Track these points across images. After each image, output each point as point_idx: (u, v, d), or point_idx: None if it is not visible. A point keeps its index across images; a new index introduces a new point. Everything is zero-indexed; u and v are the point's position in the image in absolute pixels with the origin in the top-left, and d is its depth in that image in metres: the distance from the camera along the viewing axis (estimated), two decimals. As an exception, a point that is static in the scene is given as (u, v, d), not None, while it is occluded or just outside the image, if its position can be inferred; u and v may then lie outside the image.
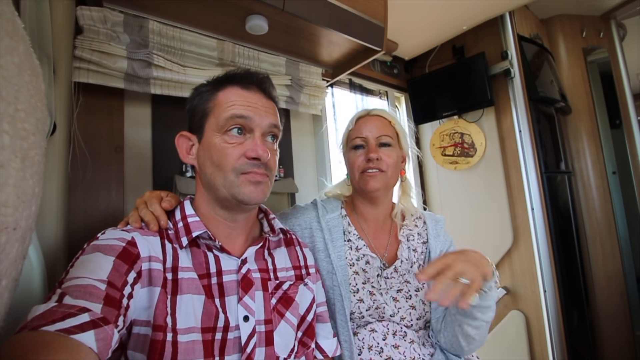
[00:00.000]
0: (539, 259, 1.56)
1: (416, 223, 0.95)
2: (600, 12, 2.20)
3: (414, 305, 0.80)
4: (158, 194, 0.67)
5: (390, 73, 1.91)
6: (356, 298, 0.79)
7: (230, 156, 0.60)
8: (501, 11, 1.56)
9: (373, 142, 0.85)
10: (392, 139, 0.87)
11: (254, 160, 0.61)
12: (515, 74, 1.64)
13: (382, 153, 0.85)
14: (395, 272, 0.84)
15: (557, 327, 1.53)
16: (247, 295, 0.61)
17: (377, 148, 0.85)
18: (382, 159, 0.84)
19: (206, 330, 0.55)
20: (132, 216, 0.61)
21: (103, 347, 0.40)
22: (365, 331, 0.78)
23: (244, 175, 0.60)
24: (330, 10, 1.04)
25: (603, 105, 2.14)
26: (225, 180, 0.60)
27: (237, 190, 0.60)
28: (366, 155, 0.85)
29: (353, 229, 0.89)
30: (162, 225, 0.60)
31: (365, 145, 0.87)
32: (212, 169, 0.61)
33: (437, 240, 0.91)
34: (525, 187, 1.61)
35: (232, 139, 0.61)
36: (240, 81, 0.65)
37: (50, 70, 0.70)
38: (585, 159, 2.08)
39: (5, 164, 0.24)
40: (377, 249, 0.88)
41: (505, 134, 1.70)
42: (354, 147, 0.88)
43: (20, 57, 0.27)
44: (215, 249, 0.63)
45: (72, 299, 0.41)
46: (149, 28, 0.94)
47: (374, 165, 0.84)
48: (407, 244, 0.90)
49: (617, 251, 2.00)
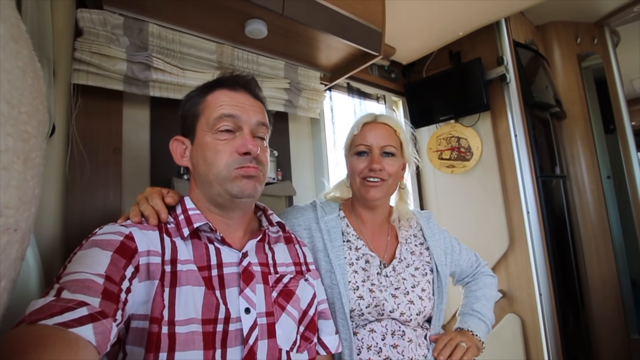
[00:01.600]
0: (534, 262, 1.58)
1: (410, 224, 0.97)
2: (594, 19, 2.24)
3: (412, 300, 0.82)
4: (159, 190, 0.68)
5: (388, 77, 1.93)
6: (356, 295, 0.80)
7: (223, 152, 0.62)
8: (497, 17, 1.59)
9: (377, 152, 0.86)
10: (396, 148, 0.88)
11: (245, 155, 0.63)
12: (511, 79, 1.67)
13: (385, 163, 0.85)
14: (394, 271, 0.86)
15: (552, 330, 1.53)
16: (248, 288, 0.61)
17: (381, 158, 0.86)
18: (384, 169, 0.85)
19: (207, 322, 0.55)
20: (133, 211, 0.62)
21: (102, 341, 0.40)
22: (365, 331, 0.79)
23: (237, 170, 0.62)
24: (328, 15, 1.06)
25: (597, 110, 2.17)
26: (219, 176, 0.62)
27: (230, 185, 0.62)
28: (369, 163, 0.85)
29: (352, 230, 0.90)
30: (163, 219, 0.61)
31: (368, 153, 0.87)
32: (206, 166, 0.63)
33: (433, 238, 0.94)
34: (521, 191, 1.62)
35: (222, 136, 0.63)
36: (228, 84, 0.68)
37: (50, 72, 0.70)
38: (580, 164, 2.10)
39: (8, 166, 0.24)
40: (376, 249, 0.89)
41: (501, 139, 1.72)
42: (357, 153, 0.88)
43: (24, 60, 0.28)
44: (216, 242, 0.64)
45: (70, 293, 0.42)
46: (149, 31, 0.94)
47: (376, 174, 0.84)
48: (406, 245, 0.91)
49: (611, 254, 2.01)
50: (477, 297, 0.97)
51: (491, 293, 0.99)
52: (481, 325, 0.90)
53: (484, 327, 0.90)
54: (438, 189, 1.96)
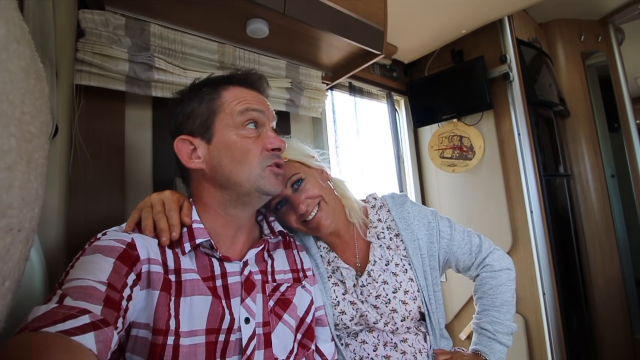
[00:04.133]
0: (538, 262, 1.57)
1: (379, 216, 0.87)
2: (598, 17, 2.22)
3: (395, 308, 0.76)
4: (178, 199, 0.63)
5: (390, 76, 1.92)
6: (337, 311, 0.78)
7: (255, 150, 0.62)
8: (500, 15, 1.57)
9: (290, 193, 0.77)
10: (299, 172, 0.78)
11: (275, 151, 0.63)
12: (514, 77, 1.65)
13: (303, 193, 0.76)
14: (369, 276, 0.80)
15: (556, 329, 1.53)
16: (249, 297, 0.61)
17: (297, 194, 0.76)
18: (308, 199, 0.76)
19: (210, 332, 0.55)
20: (147, 219, 0.59)
21: (103, 349, 0.40)
22: (356, 342, 0.78)
23: (269, 167, 0.63)
24: (330, 14, 1.05)
25: (601, 108, 2.15)
26: (251, 174, 0.61)
27: (262, 182, 0.62)
28: (295, 212, 0.77)
29: (322, 243, 0.87)
30: (173, 237, 0.58)
31: (284, 203, 0.78)
32: (233, 165, 0.61)
33: (409, 228, 0.83)
34: (524, 190, 1.61)
35: (249, 132, 0.62)
36: (242, 81, 0.68)
37: (52, 73, 0.70)
38: (584, 162, 2.08)
39: (11, 166, 0.24)
40: (348, 260, 0.84)
41: (504, 137, 1.71)
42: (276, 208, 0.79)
43: (26, 60, 0.28)
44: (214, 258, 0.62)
45: (73, 300, 0.42)
46: (151, 31, 0.95)
47: (307, 213, 0.76)
48: (379, 242, 0.84)
49: (616, 254, 2.00)
50: (484, 307, 0.85)
51: (502, 297, 0.83)
52: (493, 345, 0.80)
53: (496, 347, 0.79)
54: (440, 188, 1.95)
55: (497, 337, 0.80)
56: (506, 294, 0.83)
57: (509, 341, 0.80)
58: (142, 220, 0.59)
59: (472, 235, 0.88)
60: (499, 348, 0.79)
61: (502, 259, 0.87)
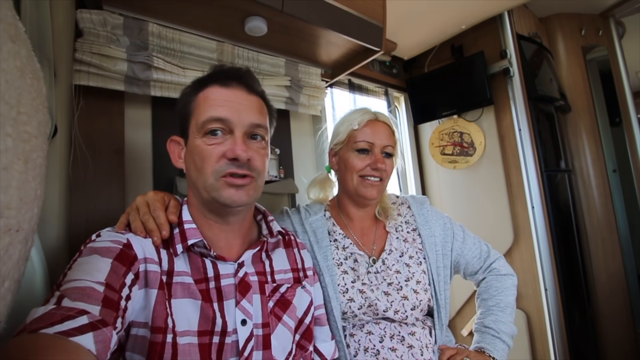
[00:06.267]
0: (539, 257, 1.56)
1: (399, 211, 0.94)
2: (599, 11, 2.20)
3: (406, 295, 0.79)
4: (162, 198, 0.64)
5: (390, 73, 1.91)
6: (346, 298, 0.79)
7: (210, 158, 0.58)
8: (500, 10, 1.56)
9: (379, 151, 0.86)
10: (394, 149, 0.89)
11: (234, 160, 0.58)
12: (515, 72, 1.64)
13: (385, 163, 0.86)
14: (384, 264, 0.83)
15: (558, 325, 1.53)
16: (245, 299, 0.60)
17: (383, 159, 0.86)
18: (385, 169, 0.86)
19: (203, 334, 0.55)
20: (134, 221, 0.59)
21: (102, 350, 0.40)
22: (362, 333, 0.78)
23: (224, 178, 0.58)
24: (328, 11, 1.05)
25: (603, 103, 2.14)
26: (206, 183, 0.59)
27: (217, 194, 0.59)
28: (372, 163, 0.85)
29: (338, 229, 0.89)
30: (164, 236, 0.58)
31: (370, 151, 0.86)
32: (195, 172, 0.60)
33: (427, 225, 0.90)
34: (526, 185, 1.61)
35: (211, 140, 0.59)
36: (220, 79, 0.62)
37: (50, 73, 0.70)
38: (585, 157, 2.07)
39: (8, 166, 0.24)
40: (365, 246, 0.88)
41: (504, 133, 1.70)
42: (358, 150, 0.87)
43: (22, 60, 0.27)
44: (210, 257, 0.61)
45: (71, 302, 0.42)
46: (149, 30, 0.94)
47: (377, 174, 0.85)
48: (396, 234, 0.89)
49: (617, 249, 1.99)
50: (489, 307, 0.88)
51: (506, 300, 0.88)
52: (496, 343, 0.82)
53: (499, 345, 0.81)
54: (441, 185, 1.94)
55: (501, 336, 0.82)
56: (510, 297, 0.89)
57: (510, 342, 0.83)
58: (130, 223, 0.59)
59: (482, 242, 0.97)
60: (502, 346, 0.81)
61: (507, 265, 0.95)
